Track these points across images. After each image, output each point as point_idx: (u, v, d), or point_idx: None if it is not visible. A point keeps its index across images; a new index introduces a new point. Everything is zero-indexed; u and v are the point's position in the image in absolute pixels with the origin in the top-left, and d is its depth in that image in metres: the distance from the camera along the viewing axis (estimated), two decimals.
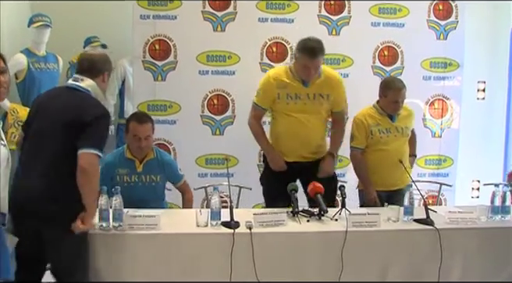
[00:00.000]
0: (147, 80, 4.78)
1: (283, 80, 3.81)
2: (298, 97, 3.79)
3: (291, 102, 3.80)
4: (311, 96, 3.80)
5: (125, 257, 2.91)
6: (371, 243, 3.09)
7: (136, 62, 4.79)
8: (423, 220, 3.22)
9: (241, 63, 4.91)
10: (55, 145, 2.72)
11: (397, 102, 3.93)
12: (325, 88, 3.84)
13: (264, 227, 3.03)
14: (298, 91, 3.79)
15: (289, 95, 3.79)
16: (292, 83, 3.79)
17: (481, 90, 5.78)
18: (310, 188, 3.41)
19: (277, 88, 3.81)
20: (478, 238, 3.22)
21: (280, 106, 3.84)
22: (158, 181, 3.67)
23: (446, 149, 5.25)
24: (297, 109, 3.80)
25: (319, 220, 3.24)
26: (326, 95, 3.84)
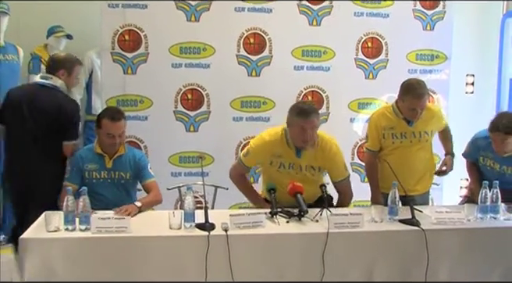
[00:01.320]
0: (116, 73, 4.75)
1: (278, 149, 3.74)
2: (291, 166, 3.75)
3: (284, 171, 3.76)
4: (304, 167, 3.74)
5: (92, 262, 2.90)
6: (354, 245, 3.12)
7: (105, 54, 4.76)
8: (408, 221, 3.26)
9: (216, 56, 4.91)
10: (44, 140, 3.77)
11: (415, 109, 3.80)
12: (318, 160, 3.75)
13: (241, 228, 3.05)
14: (292, 160, 3.74)
15: (283, 164, 3.76)
16: (286, 153, 3.73)
17: (470, 83, 5.86)
18: (289, 188, 3.44)
19: (270, 157, 3.76)
20: (467, 239, 3.27)
21: (272, 170, 3.79)
22: (128, 179, 3.68)
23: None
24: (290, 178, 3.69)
25: (299, 221, 3.26)
26: (318, 168, 3.76)
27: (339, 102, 5.20)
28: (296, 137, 3.66)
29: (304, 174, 3.75)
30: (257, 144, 3.82)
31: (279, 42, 5.02)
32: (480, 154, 3.99)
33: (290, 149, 3.72)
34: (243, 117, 5.05)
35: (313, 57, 5.10)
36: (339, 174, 3.82)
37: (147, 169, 3.75)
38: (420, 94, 3.77)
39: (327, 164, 3.77)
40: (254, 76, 5.03)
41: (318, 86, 5.09)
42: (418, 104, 3.78)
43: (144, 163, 3.76)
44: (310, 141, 3.65)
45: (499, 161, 3.86)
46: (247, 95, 5.03)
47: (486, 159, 3.95)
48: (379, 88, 5.25)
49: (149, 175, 3.75)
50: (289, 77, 5.02)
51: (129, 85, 4.71)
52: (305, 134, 3.60)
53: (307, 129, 3.59)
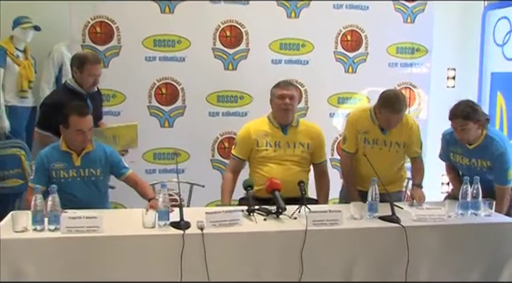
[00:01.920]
0: None
1: (263, 128, 3.97)
2: (278, 144, 3.95)
3: (270, 151, 3.93)
4: (291, 144, 3.95)
5: (63, 263, 2.87)
6: (333, 243, 3.13)
7: (75, 47, 4.72)
8: (388, 218, 3.28)
9: (192, 49, 4.91)
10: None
11: (389, 123, 3.84)
12: (306, 137, 3.98)
13: (217, 227, 3.05)
14: (278, 138, 3.95)
15: (269, 143, 3.94)
16: (272, 131, 3.95)
17: (451, 77, 5.92)
18: (267, 184, 3.46)
19: (256, 136, 3.95)
20: (447, 236, 3.30)
21: (258, 157, 3.94)
22: (99, 176, 3.64)
23: None
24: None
25: (277, 219, 3.27)
26: (306, 145, 3.98)
27: (318, 97, 5.23)
28: (276, 111, 3.92)
29: (292, 152, 3.91)
30: (242, 130, 4.05)
31: (257, 35, 5.03)
32: (450, 150, 4.00)
33: (276, 128, 3.93)
34: (219, 112, 5.05)
35: (291, 50, 5.11)
36: (323, 154, 4.07)
37: (122, 162, 3.73)
38: (397, 109, 3.77)
39: (315, 142, 3.98)
40: (231, 69, 5.03)
41: (297, 80, 5.11)
42: (393, 119, 3.82)
43: (118, 158, 3.73)
44: (289, 111, 3.89)
45: (467, 154, 3.87)
46: (223, 90, 5.04)
47: (455, 155, 3.96)
48: (359, 82, 5.29)
49: (127, 168, 3.73)
50: (267, 70, 5.03)
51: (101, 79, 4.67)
52: (284, 101, 3.84)
53: (285, 97, 3.85)
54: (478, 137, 3.78)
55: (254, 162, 4.02)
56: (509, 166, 3.75)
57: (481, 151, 3.80)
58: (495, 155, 3.75)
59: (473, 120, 3.68)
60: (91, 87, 4.15)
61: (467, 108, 3.72)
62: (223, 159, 5.00)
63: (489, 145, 3.77)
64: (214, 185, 4.17)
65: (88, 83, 4.09)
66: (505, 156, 3.75)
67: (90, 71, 4.06)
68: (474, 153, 3.83)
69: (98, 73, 4.11)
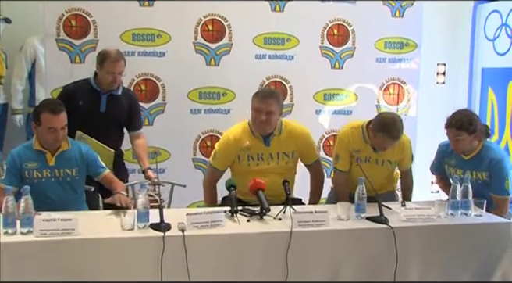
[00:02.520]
0: (62, 62, 4.70)
1: (244, 141, 3.90)
2: (260, 157, 3.90)
3: (253, 165, 3.90)
4: (275, 155, 3.91)
5: (36, 268, 2.85)
6: (319, 244, 3.14)
7: (49, 41, 4.69)
8: (376, 218, 3.30)
9: (172, 43, 4.90)
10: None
11: (384, 147, 3.84)
12: (290, 145, 3.93)
13: (198, 228, 3.05)
14: (260, 150, 3.90)
15: (251, 156, 3.90)
16: (253, 143, 3.89)
17: (441, 73, 5.96)
18: (251, 184, 3.46)
19: (238, 151, 3.90)
20: (437, 237, 3.33)
21: (241, 168, 3.92)
22: (75, 176, 3.62)
23: None
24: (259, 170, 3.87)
25: (261, 220, 3.28)
26: (291, 153, 3.93)
27: (303, 93, 5.24)
28: (253, 121, 3.86)
29: (276, 164, 3.87)
30: (222, 141, 3.98)
31: (240, 29, 5.03)
32: (444, 162, 4.03)
33: (257, 139, 3.87)
34: (201, 109, 5.05)
35: (276, 45, 5.12)
36: (313, 154, 4.07)
37: (98, 161, 3.71)
38: (395, 136, 3.76)
39: (300, 147, 3.94)
40: (213, 65, 5.02)
41: (281, 76, 5.12)
42: (391, 144, 3.82)
43: (94, 156, 3.70)
44: (266, 125, 3.80)
45: (462, 166, 3.87)
46: (205, 86, 5.03)
47: (449, 168, 3.99)
48: (346, 78, 5.32)
49: (103, 167, 3.72)
50: (251, 66, 5.04)
51: (77, 75, 4.64)
52: (260, 116, 3.77)
53: (261, 110, 3.76)
54: (474, 149, 3.81)
55: (235, 172, 3.98)
56: (506, 175, 3.76)
57: (477, 162, 3.81)
58: (492, 163, 3.76)
59: (467, 131, 3.71)
60: (110, 86, 4.11)
61: (463, 118, 3.75)
62: (205, 158, 5.00)
63: (486, 154, 3.79)
64: (195, 185, 4.17)
65: (106, 80, 4.08)
66: (502, 163, 3.77)
67: (109, 68, 4.05)
68: (469, 165, 3.84)
69: (118, 71, 4.08)
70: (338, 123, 5.29)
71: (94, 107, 4.12)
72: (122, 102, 4.22)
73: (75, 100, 4.05)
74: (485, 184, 3.80)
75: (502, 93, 5.51)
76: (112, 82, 4.10)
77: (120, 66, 4.09)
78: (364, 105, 5.37)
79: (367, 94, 5.41)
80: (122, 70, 4.12)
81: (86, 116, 4.04)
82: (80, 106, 4.06)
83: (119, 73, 4.09)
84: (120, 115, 4.23)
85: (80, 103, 4.07)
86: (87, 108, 4.09)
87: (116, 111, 4.19)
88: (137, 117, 4.37)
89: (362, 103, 5.39)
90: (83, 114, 4.03)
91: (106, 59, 4.05)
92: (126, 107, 4.25)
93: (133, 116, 4.30)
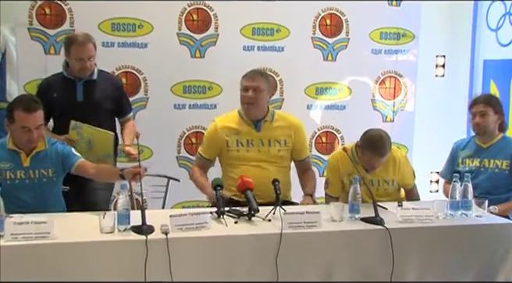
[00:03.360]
0: (35, 53, 4.69)
1: (233, 125, 3.96)
2: (250, 143, 3.95)
3: (242, 151, 3.95)
4: (266, 142, 3.96)
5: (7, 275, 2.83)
6: (311, 247, 3.15)
7: (21, 31, 4.69)
8: (371, 219, 3.32)
9: (155, 34, 4.90)
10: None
11: (372, 165, 3.88)
12: (284, 132, 4.01)
13: (183, 231, 3.05)
14: (250, 136, 3.95)
15: (240, 142, 3.94)
16: (243, 128, 3.96)
17: (441, 65, 5.98)
18: (238, 183, 3.48)
19: (226, 135, 3.95)
20: (436, 239, 3.35)
21: (230, 157, 3.96)
22: (51, 176, 3.60)
23: (400, 136, 5.42)
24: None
25: (249, 221, 3.28)
26: (284, 141, 3.99)
27: (294, 87, 5.26)
28: (241, 102, 3.93)
29: (267, 151, 3.91)
30: (210, 128, 4.05)
31: (227, 19, 5.04)
32: (459, 156, 4.22)
33: (247, 125, 3.94)
34: (185, 104, 5.06)
35: (265, 36, 5.13)
36: (304, 150, 4.14)
37: (71, 152, 3.66)
38: (380, 153, 3.81)
39: (294, 137, 4.00)
40: (198, 57, 5.03)
41: (271, 68, 5.13)
42: (378, 162, 3.86)
43: (68, 150, 3.65)
44: (254, 105, 3.88)
45: (479, 154, 4.13)
46: (190, 79, 5.04)
47: (464, 160, 4.18)
48: (339, 71, 5.35)
49: (77, 157, 3.66)
50: (238, 58, 5.05)
51: (52, 67, 4.63)
52: (247, 96, 3.86)
53: (248, 89, 3.85)
54: (494, 137, 4.12)
55: (224, 163, 4.03)
56: None
57: (496, 150, 4.11)
58: None
59: (494, 108, 4.07)
60: (81, 73, 4.01)
61: (489, 96, 4.20)
62: (190, 155, 5.01)
63: (507, 144, 4.10)
64: (180, 185, 4.17)
65: (75, 67, 3.99)
66: None
67: (77, 54, 3.94)
68: (487, 153, 4.12)
69: (87, 56, 3.95)
70: (331, 118, 5.35)
71: (70, 97, 4.04)
72: (101, 87, 4.11)
73: (50, 93, 4.02)
74: (501, 173, 4.07)
75: (505, 86, 5.52)
76: (82, 69, 3.99)
77: (88, 51, 3.97)
78: (358, 99, 5.41)
79: (361, 88, 5.44)
80: (93, 55, 4.00)
81: (63, 107, 4.01)
82: (55, 98, 4.01)
83: (88, 58, 3.97)
84: (101, 102, 4.11)
85: (54, 95, 4.02)
86: (62, 99, 4.03)
87: (95, 98, 4.08)
88: (122, 101, 4.27)
89: (356, 97, 5.42)
90: (61, 106, 4.01)
91: (72, 44, 3.96)
92: (108, 92, 4.15)
93: (117, 100, 4.20)
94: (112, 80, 4.25)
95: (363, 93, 5.44)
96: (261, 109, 3.95)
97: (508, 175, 4.07)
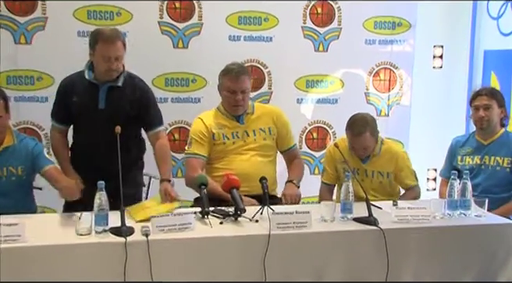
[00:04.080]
0: (4, 42, 4.66)
1: (218, 120, 4.07)
2: (236, 135, 4.04)
3: (229, 144, 4.03)
4: (251, 132, 4.07)
5: None
6: (300, 249, 3.16)
7: None
8: (364, 219, 3.33)
9: (134, 22, 4.90)
10: None
11: (353, 147, 3.99)
12: (267, 122, 4.11)
13: (165, 232, 3.05)
14: (235, 129, 4.05)
15: (226, 135, 4.03)
16: (227, 122, 4.06)
17: (438, 56, 5.98)
18: (223, 181, 3.50)
19: (213, 129, 4.04)
20: (433, 240, 3.37)
21: (217, 152, 4.04)
22: (21, 175, 3.60)
23: (395, 131, 5.46)
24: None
25: (235, 222, 3.30)
26: (268, 129, 4.10)
27: (283, 80, 5.27)
28: (227, 102, 4.02)
29: (253, 140, 4.02)
30: (194, 124, 4.12)
31: (211, 7, 5.04)
32: (458, 153, 4.25)
33: (230, 119, 4.05)
34: (168, 98, 5.06)
35: (252, 25, 5.13)
36: (289, 138, 4.22)
37: (42, 154, 3.65)
38: (356, 132, 3.91)
39: (276, 123, 4.11)
40: (181, 47, 5.03)
41: (258, 60, 5.14)
42: (356, 142, 3.94)
43: (39, 150, 3.65)
44: (241, 106, 3.99)
45: (479, 152, 4.17)
46: (172, 71, 5.04)
47: (465, 158, 4.22)
48: (331, 63, 5.36)
49: (47, 161, 3.65)
50: (224, 49, 5.05)
51: (22, 58, 4.64)
52: (235, 96, 3.95)
53: (236, 90, 3.94)
54: (496, 132, 4.16)
55: (213, 156, 4.07)
56: None
57: (497, 147, 4.14)
58: None
59: (498, 102, 4.11)
60: (107, 75, 3.74)
61: (493, 89, 4.23)
62: (173, 153, 5.00)
63: (510, 141, 4.13)
64: None
65: (101, 68, 3.71)
66: None
67: (103, 52, 3.66)
68: (488, 150, 4.16)
69: (114, 56, 3.67)
70: (322, 113, 5.36)
71: (91, 104, 3.78)
72: (126, 95, 3.83)
73: (70, 95, 3.82)
74: (502, 171, 4.11)
75: (506, 78, 5.54)
76: (108, 70, 3.71)
77: (117, 49, 3.68)
78: (351, 92, 5.43)
79: (354, 81, 5.46)
80: (121, 55, 3.72)
81: (82, 113, 3.83)
82: (74, 102, 3.81)
83: (116, 58, 3.68)
84: (125, 111, 3.81)
85: (74, 99, 3.80)
86: (82, 104, 3.80)
87: (119, 106, 3.80)
88: (149, 111, 3.93)
89: (349, 90, 5.44)
90: (79, 112, 3.83)
91: (98, 40, 3.66)
92: (134, 101, 3.85)
93: (144, 110, 3.89)
94: (140, 87, 3.93)
95: (356, 86, 5.45)
96: (247, 105, 4.07)
97: (509, 173, 4.11)
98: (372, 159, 4.03)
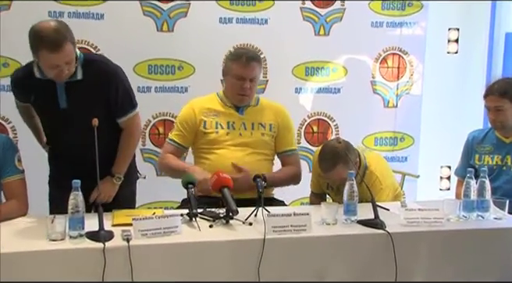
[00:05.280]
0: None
1: (212, 106, 4.07)
2: (232, 126, 4.04)
3: (222, 134, 4.02)
4: (249, 125, 4.07)
5: None
6: (299, 254, 3.17)
7: None
8: (370, 222, 3.35)
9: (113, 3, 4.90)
10: None
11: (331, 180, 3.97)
12: (268, 117, 4.11)
13: (148, 237, 3.06)
14: (231, 118, 4.04)
15: (220, 124, 4.03)
16: (223, 110, 4.05)
17: (454, 40, 5.99)
18: (213, 180, 3.51)
19: (203, 115, 4.05)
20: (447, 245, 3.38)
21: (205, 142, 4.04)
22: None
23: (404, 124, 5.48)
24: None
25: (227, 225, 3.31)
26: (269, 125, 4.10)
27: (280, 67, 5.28)
28: (230, 91, 4.02)
29: (250, 135, 4.03)
30: (184, 109, 4.13)
31: None
32: (475, 151, 4.24)
33: (229, 108, 4.05)
34: (151, 87, 5.07)
35: (245, 6, 5.14)
36: (290, 140, 4.19)
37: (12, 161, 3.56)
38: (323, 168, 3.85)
39: (279, 122, 4.11)
40: (166, 31, 5.03)
41: (252, 44, 5.14)
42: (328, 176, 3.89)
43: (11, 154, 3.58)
44: (247, 96, 4.01)
45: (499, 151, 4.14)
46: (156, 57, 5.05)
47: (484, 157, 4.19)
48: (333, 48, 5.37)
49: (14, 170, 3.56)
50: (214, 32, 5.06)
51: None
52: (243, 84, 3.94)
53: (246, 77, 3.94)
54: None
55: (198, 149, 4.08)
56: None
57: None
58: None
59: (511, 100, 3.97)
60: (58, 80, 3.52)
61: (506, 84, 4.04)
62: (158, 148, 5.01)
63: None
64: (146, 183, 4.17)
65: (49, 74, 3.48)
66: None
67: (49, 61, 3.38)
68: (510, 149, 4.13)
69: (64, 61, 3.39)
70: (323, 103, 5.36)
71: (50, 104, 3.62)
72: (89, 88, 3.60)
73: (26, 95, 3.70)
74: None
75: None
76: (58, 77, 3.49)
77: (66, 55, 3.38)
78: (355, 81, 5.45)
79: (359, 68, 5.47)
80: (71, 58, 3.44)
81: (45, 116, 3.76)
82: (34, 103, 3.71)
83: (66, 62, 3.42)
84: (93, 107, 3.61)
85: (31, 98, 3.68)
86: (42, 105, 3.69)
87: (84, 103, 3.61)
88: (117, 99, 3.72)
89: (353, 79, 5.46)
90: (41, 113, 3.76)
91: (40, 48, 3.34)
92: (100, 92, 3.65)
93: (113, 99, 3.70)
94: (104, 71, 3.68)
95: (361, 74, 5.47)
96: (253, 96, 4.09)
97: None
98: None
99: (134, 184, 4.05)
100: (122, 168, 3.76)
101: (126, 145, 3.81)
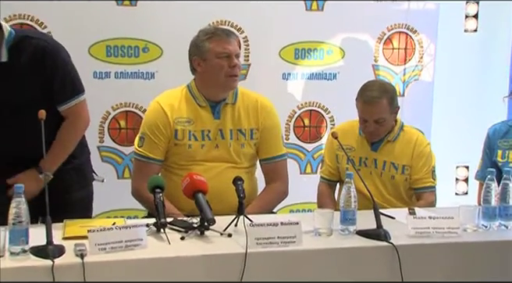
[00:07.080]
0: None
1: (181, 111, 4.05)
2: (207, 135, 4.03)
3: (196, 147, 4.03)
4: (228, 133, 4.05)
5: None
6: (287, 271, 3.18)
7: None
8: (372, 233, 3.37)
9: None
10: None
11: (365, 120, 4.07)
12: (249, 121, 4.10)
13: (107, 252, 3.06)
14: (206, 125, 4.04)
15: (193, 134, 4.01)
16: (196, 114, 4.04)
17: (472, 16, 6.00)
18: (186, 184, 3.50)
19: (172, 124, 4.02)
20: (462, 259, 3.40)
21: (178, 154, 4.04)
22: None
23: (413, 115, 5.50)
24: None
25: (201, 237, 3.32)
26: (249, 131, 4.08)
27: (265, 48, 5.30)
28: (218, 73, 3.94)
29: (228, 147, 4.02)
30: (152, 110, 4.08)
31: None
32: (499, 147, 4.28)
33: (203, 109, 4.01)
34: (110, 73, 5.07)
35: None
36: (277, 145, 4.17)
37: None
38: (368, 97, 4.02)
39: (263, 124, 4.09)
40: (128, 5, 5.03)
41: (232, 22, 5.16)
42: (367, 112, 4.05)
43: None
44: (237, 77, 3.98)
45: None
46: (115, 37, 5.05)
47: (508, 153, 4.24)
48: (328, 26, 5.39)
49: None
50: (185, 7, 5.08)
51: None
52: (232, 64, 3.92)
53: (231, 56, 3.93)
54: None
55: (167, 163, 4.08)
56: None
57: None
58: None
59: None
60: None
61: None
62: (117, 145, 5.01)
63: None
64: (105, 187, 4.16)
65: None
66: None
67: None
68: None
69: None
70: (316, 92, 5.38)
71: None
72: (18, 73, 3.64)
73: None
74: None
75: None
76: None
77: None
78: (354, 65, 5.48)
79: (359, 50, 5.51)
80: None
81: None
82: None
83: None
84: (25, 94, 3.66)
85: None
86: None
87: (11, 93, 3.65)
88: (54, 84, 3.71)
89: (352, 62, 5.50)
90: None
91: None
92: (31, 77, 3.66)
93: (48, 86, 3.70)
94: (38, 51, 3.65)
95: (361, 56, 5.50)
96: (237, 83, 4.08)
97: None
98: (386, 145, 4.10)
99: (89, 188, 4.05)
100: (53, 165, 3.71)
101: (64, 136, 3.80)
